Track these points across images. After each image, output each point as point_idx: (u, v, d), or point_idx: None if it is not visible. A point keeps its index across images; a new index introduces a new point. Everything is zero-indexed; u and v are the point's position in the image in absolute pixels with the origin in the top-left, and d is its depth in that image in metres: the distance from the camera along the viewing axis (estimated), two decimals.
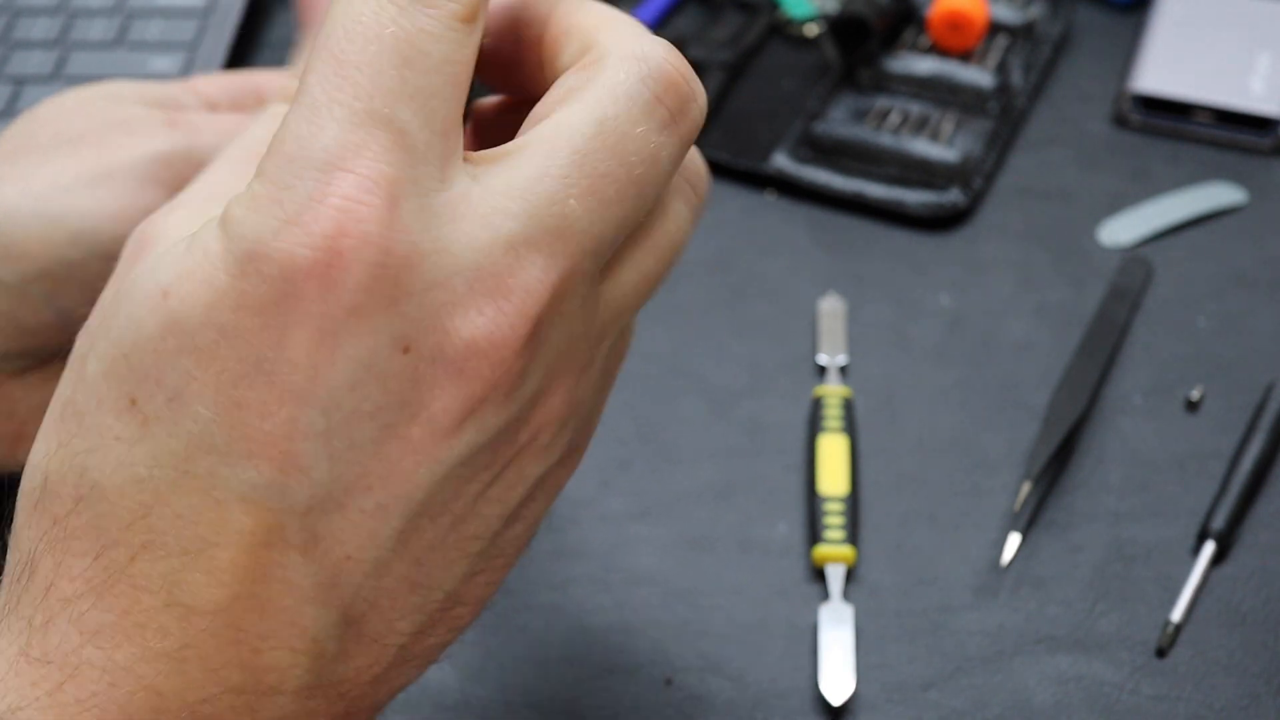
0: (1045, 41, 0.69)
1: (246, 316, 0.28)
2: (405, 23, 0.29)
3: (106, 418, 0.29)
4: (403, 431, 0.29)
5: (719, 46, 0.68)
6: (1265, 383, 0.53)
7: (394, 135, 0.28)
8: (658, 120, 0.31)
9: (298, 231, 0.27)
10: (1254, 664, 0.45)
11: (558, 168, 0.29)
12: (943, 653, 0.45)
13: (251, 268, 0.28)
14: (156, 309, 0.29)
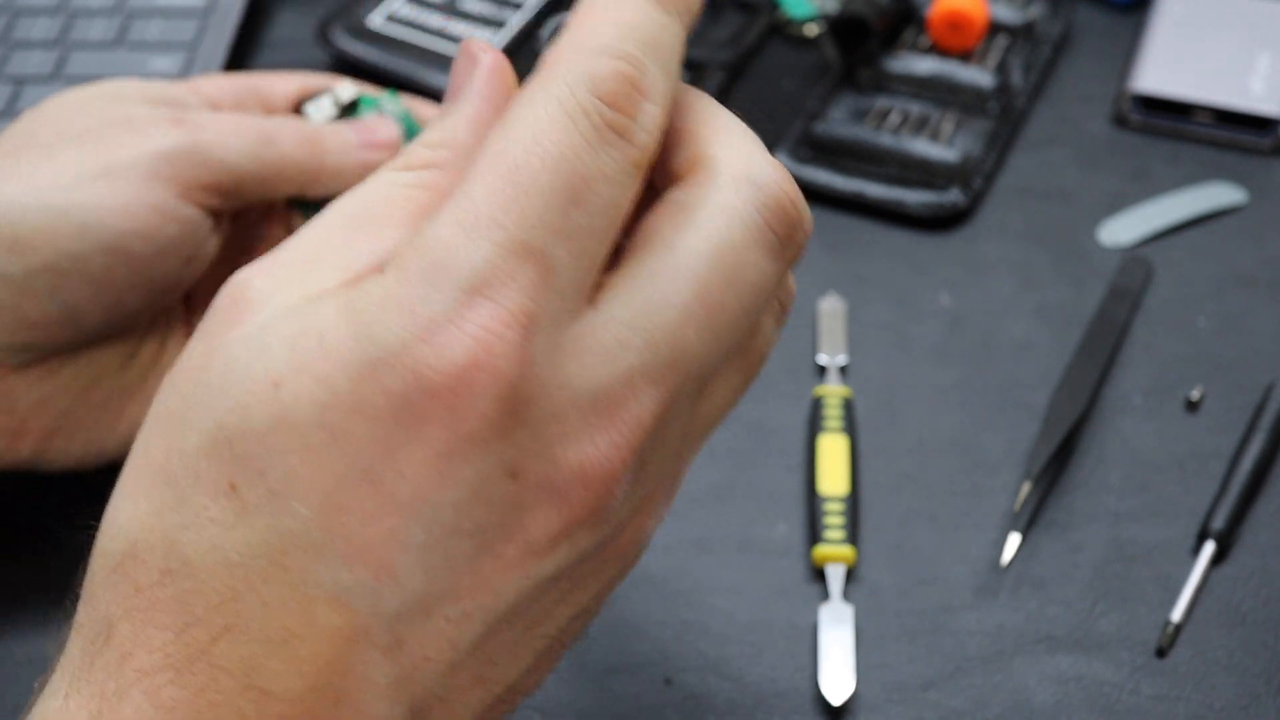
0: (1045, 41, 0.69)
1: (361, 424, 0.28)
2: (589, 160, 0.29)
3: (204, 497, 0.29)
4: (498, 549, 0.29)
5: (719, 46, 0.68)
6: (1265, 383, 0.53)
7: (544, 271, 0.28)
8: (768, 248, 0.30)
9: (430, 351, 0.27)
10: (1254, 664, 0.45)
11: (679, 299, 0.29)
12: (943, 653, 0.45)
13: (375, 376, 0.27)
14: (267, 400, 0.28)
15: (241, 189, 0.46)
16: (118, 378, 0.47)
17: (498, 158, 0.28)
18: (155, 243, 0.44)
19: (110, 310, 0.44)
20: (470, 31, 0.70)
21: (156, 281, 0.45)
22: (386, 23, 0.70)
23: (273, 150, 0.47)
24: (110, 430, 0.47)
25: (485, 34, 0.70)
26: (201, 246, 0.46)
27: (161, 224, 0.44)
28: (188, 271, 0.46)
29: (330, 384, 0.28)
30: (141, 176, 0.44)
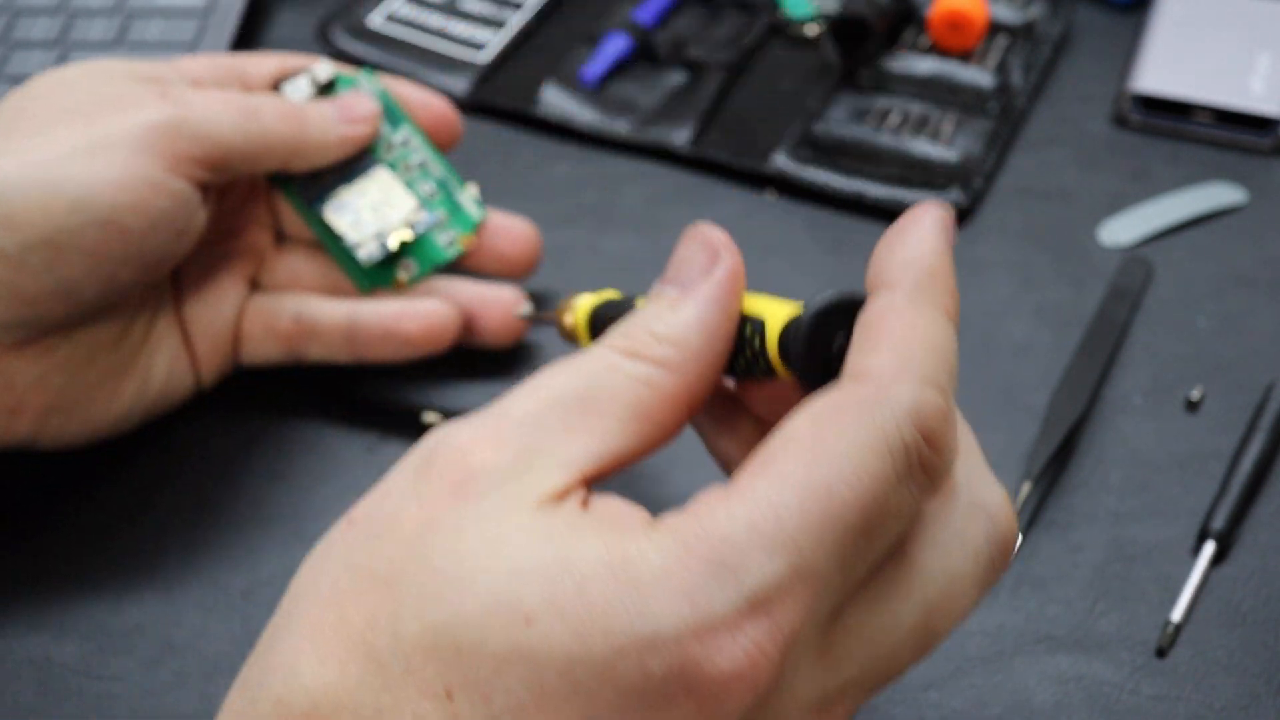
0: (1045, 41, 0.69)
1: (609, 691, 0.27)
2: (894, 497, 0.28)
3: (414, 691, 0.28)
4: None
5: (719, 46, 0.68)
6: (1265, 383, 0.53)
7: (818, 596, 0.28)
8: (918, 484, 0.29)
9: (703, 650, 0.27)
10: (1254, 664, 0.45)
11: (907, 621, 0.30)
12: (943, 653, 0.45)
13: (638, 653, 0.27)
14: (513, 629, 0.27)
15: (229, 162, 0.47)
16: (111, 355, 0.47)
17: (813, 474, 0.28)
18: (148, 216, 0.44)
19: (105, 285, 0.44)
20: (470, 32, 0.70)
21: (149, 255, 0.45)
22: (386, 22, 0.70)
23: (257, 124, 0.48)
24: (105, 408, 0.47)
25: (485, 34, 0.70)
26: (192, 220, 0.46)
27: (153, 197, 0.44)
28: (179, 245, 0.46)
29: (587, 641, 0.27)
30: (132, 150, 0.44)
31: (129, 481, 0.50)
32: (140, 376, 0.48)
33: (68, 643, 0.45)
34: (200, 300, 0.50)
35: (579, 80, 0.67)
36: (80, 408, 0.47)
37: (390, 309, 0.50)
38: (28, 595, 0.47)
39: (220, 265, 0.51)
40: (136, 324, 0.48)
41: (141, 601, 0.47)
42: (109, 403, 0.48)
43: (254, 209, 0.53)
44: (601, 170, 0.64)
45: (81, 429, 0.48)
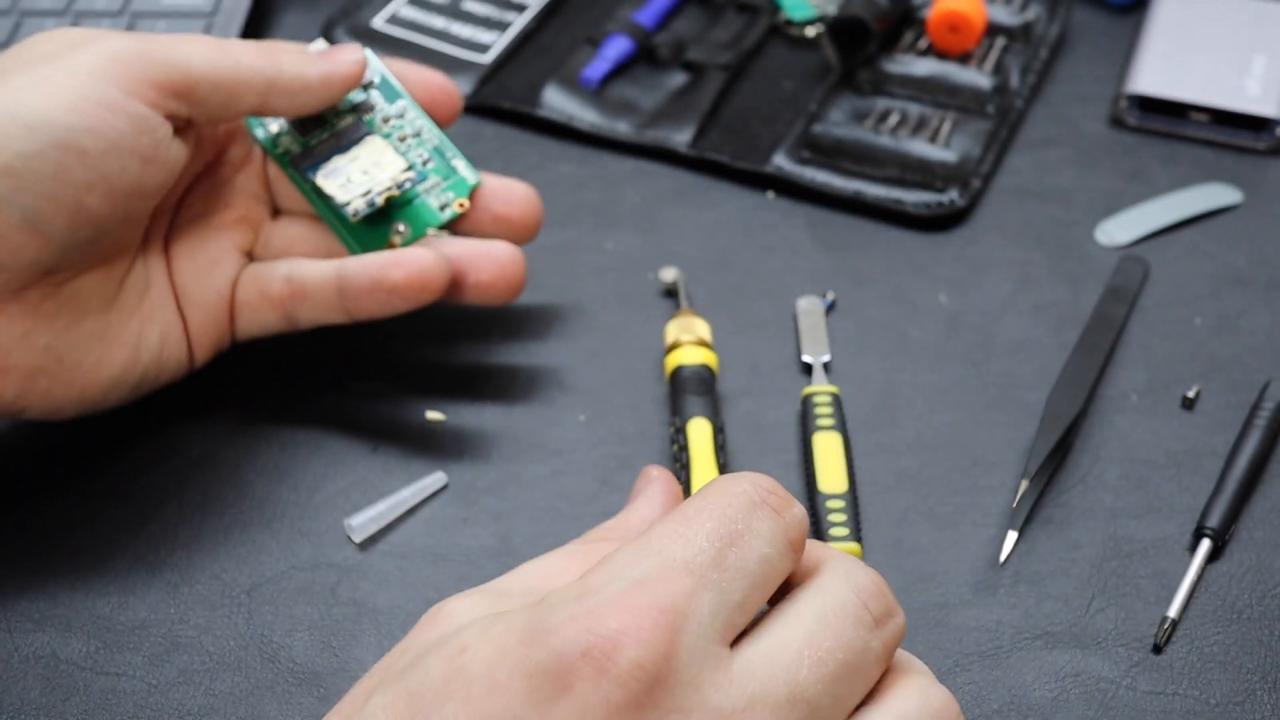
0: (1043, 43, 0.69)
1: (520, 680, 0.30)
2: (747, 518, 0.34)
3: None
4: None
5: (719, 48, 0.69)
6: (1261, 381, 0.54)
7: (699, 585, 0.32)
8: (864, 622, 0.34)
9: (592, 621, 0.30)
10: (1249, 660, 0.45)
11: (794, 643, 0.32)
12: (941, 649, 0.46)
13: (541, 640, 0.31)
14: (451, 659, 0.32)
15: (196, 91, 0.46)
16: (100, 319, 0.47)
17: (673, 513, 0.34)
18: (105, 137, 0.44)
19: (72, 214, 0.44)
20: (473, 33, 0.70)
21: (115, 182, 0.44)
22: (389, 24, 0.70)
23: (228, 56, 0.47)
24: (94, 374, 0.47)
25: (488, 35, 0.70)
26: (161, 149, 0.46)
27: (109, 118, 0.44)
28: (147, 174, 0.46)
29: (504, 647, 0.31)
30: (88, 75, 0.44)
31: (135, 480, 0.51)
32: (131, 344, 0.48)
33: (74, 639, 0.46)
34: (194, 271, 0.50)
35: (581, 81, 0.67)
36: (67, 371, 0.47)
37: (377, 259, 0.50)
38: (34, 592, 0.47)
39: (214, 237, 0.51)
40: (128, 290, 0.48)
41: (147, 598, 0.47)
42: (98, 369, 0.47)
43: (249, 182, 0.53)
44: (603, 171, 0.64)
45: (69, 393, 0.47)
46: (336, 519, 0.49)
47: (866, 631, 0.33)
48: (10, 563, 0.48)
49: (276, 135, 0.53)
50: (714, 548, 0.32)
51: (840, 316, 0.57)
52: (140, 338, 0.49)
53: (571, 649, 0.30)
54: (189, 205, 0.52)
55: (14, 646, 0.46)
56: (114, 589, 0.47)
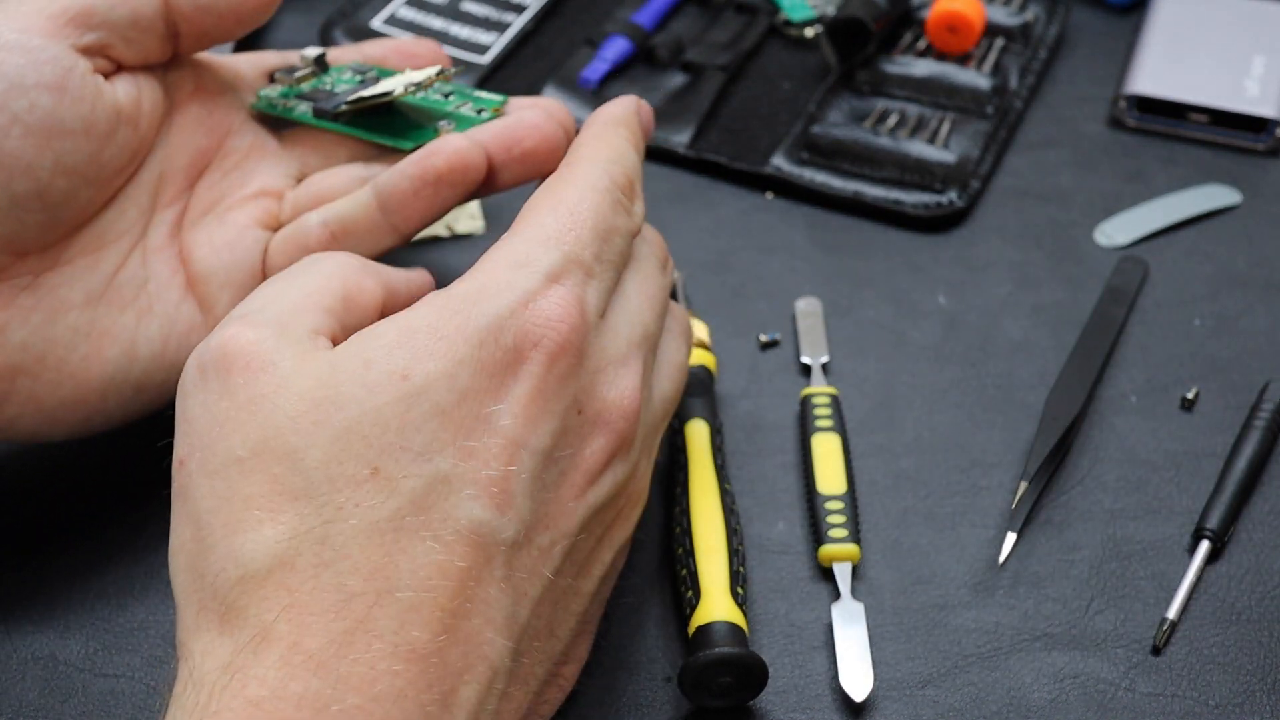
0: (1042, 44, 0.69)
1: (482, 378, 0.36)
2: (612, 218, 0.40)
3: (346, 493, 0.34)
4: (571, 476, 0.38)
5: (718, 49, 0.69)
6: (1260, 382, 0.54)
7: (588, 276, 0.39)
8: (626, 212, 0.42)
9: (532, 313, 0.37)
10: (1249, 661, 0.45)
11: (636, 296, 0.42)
12: (940, 651, 0.46)
13: (493, 338, 0.36)
14: (397, 388, 0.35)
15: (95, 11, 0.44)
16: (86, 313, 0.45)
17: (558, 205, 0.40)
18: (5, 77, 0.42)
19: (7, 170, 0.42)
20: (471, 34, 0.70)
21: (29, 119, 0.42)
22: (388, 25, 0.70)
23: None
24: (83, 373, 0.45)
25: (487, 36, 0.70)
26: (71, 77, 0.43)
27: (4, 56, 0.42)
28: (69, 109, 0.43)
29: (452, 357, 0.35)
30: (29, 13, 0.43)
31: (134, 480, 0.51)
32: (125, 339, 0.46)
33: (72, 640, 0.46)
34: (212, 253, 0.48)
35: (580, 82, 0.67)
36: (51, 370, 0.44)
37: (412, 160, 0.47)
38: (32, 593, 0.47)
39: (230, 217, 0.49)
40: (120, 285, 0.46)
41: (146, 600, 0.47)
42: (86, 366, 0.45)
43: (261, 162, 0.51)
44: None
45: (58, 395, 0.45)
46: None
47: (665, 274, 0.44)
48: (10, 564, 0.48)
49: (294, 106, 0.51)
50: (596, 243, 0.39)
51: (839, 317, 0.57)
52: (137, 333, 0.46)
53: (524, 342, 0.36)
54: (198, 196, 0.49)
55: (13, 648, 0.46)
56: (113, 590, 0.47)
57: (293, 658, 0.33)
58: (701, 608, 0.44)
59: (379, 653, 0.33)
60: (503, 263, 0.38)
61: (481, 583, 0.35)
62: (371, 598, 0.34)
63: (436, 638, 0.34)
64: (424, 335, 0.36)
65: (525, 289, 0.37)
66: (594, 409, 0.38)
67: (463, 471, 0.35)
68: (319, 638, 0.33)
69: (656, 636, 0.46)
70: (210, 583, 0.34)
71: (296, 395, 0.35)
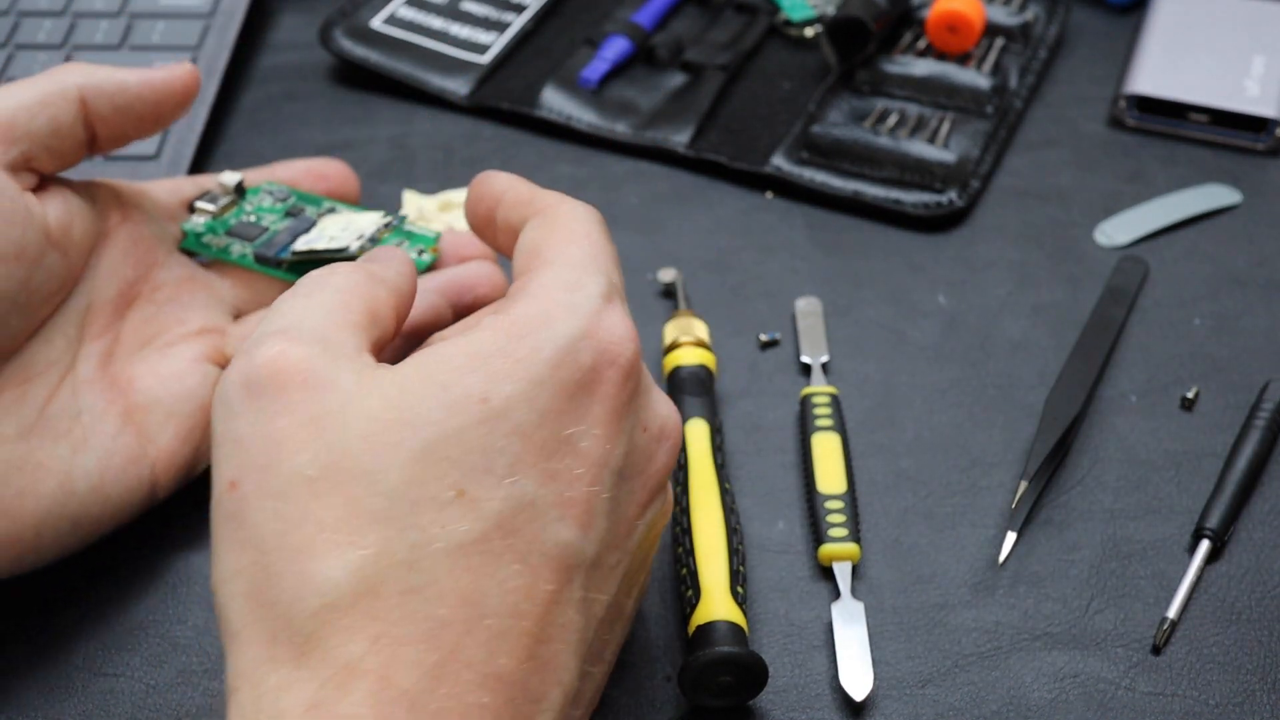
0: (1041, 43, 0.69)
1: (562, 399, 0.35)
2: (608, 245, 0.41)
3: (430, 514, 0.33)
4: (637, 495, 0.38)
5: (718, 48, 0.69)
6: (1260, 382, 0.54)
7: (621, 295, 0.39)
8: None
9: (603, 332, 0.37)
10: (1249, 660, 0.45)
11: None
12: (940, 650, 0.46)
13: (568, 360, 0.36)
14: (478, 410, 0.34)
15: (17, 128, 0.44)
16: (18, 446, 0.43)
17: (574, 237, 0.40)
18: None
19: None
20: (471, 34, 0.70)
21: None
22: (387, 25, 0.70)
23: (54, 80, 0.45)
24: (16, 510, 0.43)
25: (487, 36, 0.70)
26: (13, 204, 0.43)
27: None
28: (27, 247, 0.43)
29: (531, 378, 0.35)
30: None
31: None
32: (60, 472, 0.44)
33: (72, 640, 0.46)
34: (157, 385, 0.47)
35: (579, 82, 0.67)
36: None
37: None
38: (32, 593, 0.47)
39: (173, 352, 0.48)
40: (51, 417, 0.44)
41: (145, 599, 0.47)
42: (20, 502, 0.43)
43: (197, 295, 0.50)
44: (602, 171, 0.64)
45: None
46: None
47: None
48: None
49: (228, 245, 0.51)
50: (616, 267, 0.40)
51: (838, 317, 0.57)
52: (72, 465, 0.44)
53: (599, 361, 0.36)
54: (131, 328, 0.48)
55: (14, 647, 0.46)
56: (113, 590, 0.47)
57: (384, 694, 0.31)
58: (701, 607, 0.44)
59: (468, 684, 0.32)
60: (555, 287, 0.38)
61: (562, 605, 0.35)
62: (461, 626, 0.33)
63: (522, 665, 0.33)
64: (497, 359, 0.35)
65: (589, 310, 0.37)
66: (655, 426, 0.39)
67: (546, 494, 0.35)
68: (410, 672, 0.32)
69: (656, 635, 0.46)
70: (284, 611, 0.33)
71: (366, 415, 0.34)
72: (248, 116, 0.67)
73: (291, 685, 0.32)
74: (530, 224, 0.42)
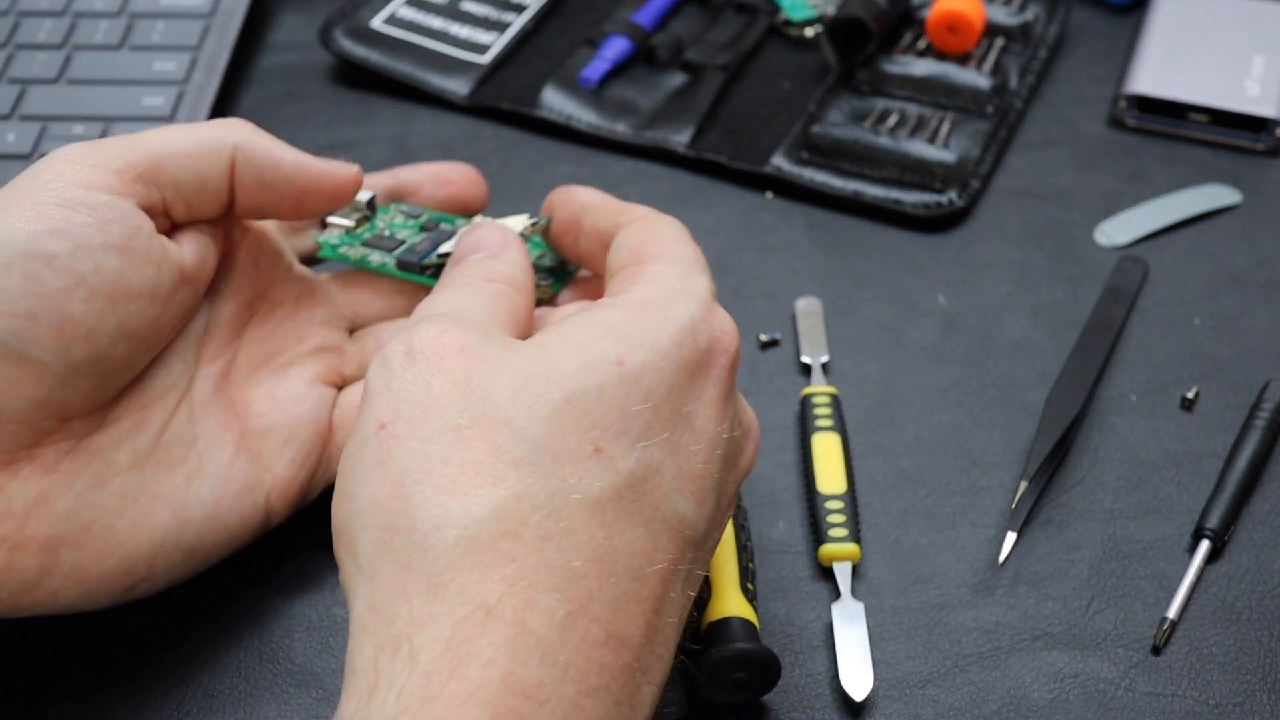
0: (1041, 43, 0.69)
1: (683, 374, 0.37)
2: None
3: (569, 465, 0.35)
4: (729, 486, 0.39)
5: (718, 48, 0.69)
6: (1260, 381, 0.54)
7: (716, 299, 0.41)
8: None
9: (716, 319, 0.39)
10: (1249, 660, 0.45)
11: None
12: (940, 650, 0.46)
13: (690, 338, 0.38)
14: (614, 371, 0.36)
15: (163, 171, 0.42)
16: (133, 476, 0.42)
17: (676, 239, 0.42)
18: (70, 236, 0.39)
19: (61, 330, 0.39)
20: (471, 33, 0.70)
21: (94, 281, 0.40)
22: (387, 25, 0.70)
23: (194, 133, 0.43)
24: (131, 540, 0.42)
25: (487, 36, 0.70)
26: (137, 238, 0.41)
27: (70, 214, 0.40)
28: (133, 269, 0.41)
29: (658, 349, 0.37)
30: (44, 179, 0.40)
31: None
32: (176, 502, 0.43)
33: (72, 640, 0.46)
34: (274, 410, 0.46)
35: (579, 82, 0.67)
36: (97, 539, 0.41)
37: None
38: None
39: (290, 374, 0.47)
40: (167, 444, 0.43)
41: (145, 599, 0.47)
42: (134, 533, 0.42)
43: (313, 312, 0.49)
44: (602, 171, 0.64)
45: (104, 566, 0.41)
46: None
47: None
48: None
49: (365, 255, 0.49)
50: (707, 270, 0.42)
51: (838, 316, 0.57)
52: (188, 495, 0.43)
53: (715, 346, 0.38)
54: (247, 349, 0.47)
55: (11, 646, 0.46)
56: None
57: (519, 639, 0.32)
58: (714, 603, 0.44)
59: (594, 640, 0.33)
60: (670, 276, 0.40)
61: (674, 580, 0.36)
62: (594, 580, 0.34)
63: (640, 630, 0.34)
64: (627, 327, 0.37)
65: (703, 299, 0.39)
66: (745, 420, 0.41)
67: (670, 464, 0.36)
68: (544, 619, 0.32)
69: None
70: (420, 540, 0.33)
71: (511, 372, 0.36)
72: (248, 116, 0.67)
73: (426, 621, 0.32)
74: (627, 228, 0.44)
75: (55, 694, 0.44)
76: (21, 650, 0.45)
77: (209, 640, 0.46)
